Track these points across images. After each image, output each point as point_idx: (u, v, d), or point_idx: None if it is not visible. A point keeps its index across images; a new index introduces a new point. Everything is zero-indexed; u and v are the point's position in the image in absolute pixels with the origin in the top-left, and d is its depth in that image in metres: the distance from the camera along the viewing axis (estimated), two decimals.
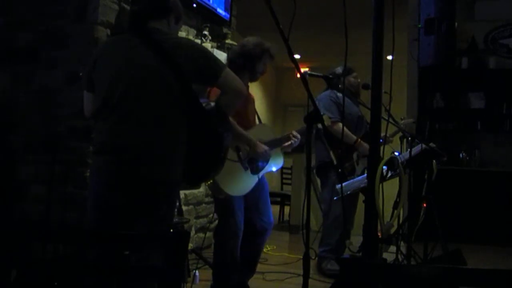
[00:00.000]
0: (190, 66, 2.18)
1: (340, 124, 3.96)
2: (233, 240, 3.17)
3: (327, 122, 3.19)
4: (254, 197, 3.28)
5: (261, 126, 3.34)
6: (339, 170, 3.90)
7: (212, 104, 2.34)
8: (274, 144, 3.28)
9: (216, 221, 3.33)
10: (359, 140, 4.00)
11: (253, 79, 3.29)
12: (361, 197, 3.57)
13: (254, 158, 3.17)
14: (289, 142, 3.28)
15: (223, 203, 3.15)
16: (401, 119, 4.31)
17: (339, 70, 4.23)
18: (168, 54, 2.17)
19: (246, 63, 3.17)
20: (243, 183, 3.15)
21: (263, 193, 3.36)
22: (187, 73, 2.18)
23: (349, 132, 3.99)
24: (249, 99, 3.28)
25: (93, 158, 2.28)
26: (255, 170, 3.19)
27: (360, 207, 3.80)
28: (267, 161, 3.23)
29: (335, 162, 3.93)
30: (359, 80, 4.25)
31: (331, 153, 3.93)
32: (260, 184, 3.30)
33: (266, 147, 3.16)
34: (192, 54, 2.21)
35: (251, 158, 3.17)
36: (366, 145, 4.00)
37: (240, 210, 3.18)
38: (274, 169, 3.38)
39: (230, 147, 2.97)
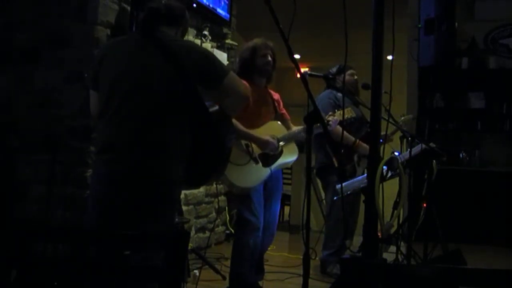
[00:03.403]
0: (194, 69, 2.19)
1: (339, 126, 3.93)
2: (253, 237, 3.20)
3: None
4: (268, 194, 3.32)
5: (272, 124, 3.38)
6: (341, 172, 3.90)
7: (217, 106, 2.35)
8: (286, 139, 3.31)
9: (217, 221, 3.35)
10: (358, 141, 3.97)
11: (263, 74, 3.36)
12: (361, 198, 3.57)
13: (264, 152, 3.21)
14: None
15: (241, 199, 3.18)
16: (401, 116, 4.29)
17: (333, 70, 4.22)
18: (173, 55, 2.17)
19: (247, 64, 3.29)
20: (253, 174, 3.18)
21: (277, 193, 3.41)
22: (191, 75, 2.19)
23: (347, 134, 3.96)
24: (262, 101, 3.32)
25: (95, 157, 2.28)
26: (266, 163, 3.21)
27: (360, 207, 3.81)
28: (276, 151, 3.25)
29: (336, 165, 3.94)
30: (355, 78, 4.22)
31: (332, 155, 3.94)
32: (275, 182, 3.35)
33: (270, 138, 3.21)
34: (196, 57, 2.22)
35: (262, 152, 3.21)
36: (365, 146, 3.99)
37: (260, 205, 3.21)
38: (289, 160, 3.40)
39: (237, 146, 3.02)
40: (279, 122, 3.42)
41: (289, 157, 3.36)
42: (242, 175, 3.12)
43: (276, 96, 3.54)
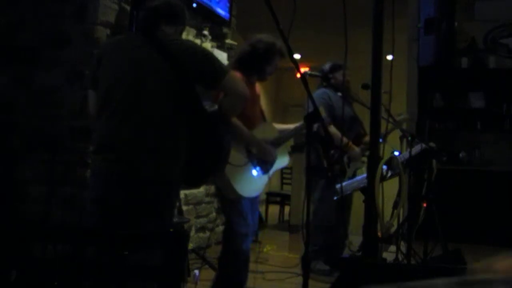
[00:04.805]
0: (193, 68, 2.19)
1: (332, 126, 3.89)
2: (244, 241, 3.14)
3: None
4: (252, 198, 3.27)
5: (265, 125, 3.31)
6: (329, 173, 3.87)
7: (216, 106, 2.35)
8: (280, 141, 3.26)
9: (217, 221, 3.32)
10: (349, 143, 3.95)
11: (261, 80, 3.25)
12: (361, 197, 3.56)
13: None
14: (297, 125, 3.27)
15: (232, 204, 3.11)
16: (399, 115, 4.27)
17: (326, 67, 4.19)
18: (172, 55, 2.17)
19: (256, 65, 3.10)
20: (256, 184, 3.12)
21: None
22: (190, 75, 2.19)
23: (339, 134, 3.85)
24: (255, 99, 3.26)
25: (93, 158, 2.28)
26: (265, 170, 3.17)
27: (360, 207, 3.80)
28: (274, 161, 3.21)
29: (325, 165, 3.92)
30: (348, 78, 4.18)
31: (322, 155, 3.92)
32: None
33: (271, 149, 3.13)
34: (196, 57, 2.21)
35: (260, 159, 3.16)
36: (356, 149, 3.99)
37: (249, 210, 3.15)
38: (281, 165, 3.37)
39: (238, 148, 2.98)
40: (271, 124, 3.35)
41: (282, 161, 3.33)
42: (246, 185, 3.04)
43: (259, 90, 3.34)
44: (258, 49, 3.08)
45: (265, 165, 3.15)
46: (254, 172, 3.10)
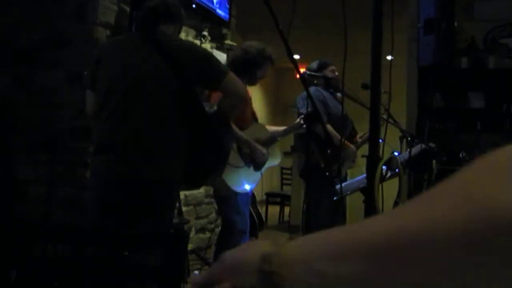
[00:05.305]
0: (193, 69, 2.19)
1: (328, 125, 3.89)
2: (242, 239, 3.16)
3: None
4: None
5: (256, 126, 3.36)
6: (327, 173, 3.87)
7: (215, 107, 2.36)
8: (271, 141, 3.31)
9: (217, 222, 3.33)
10: (345, 142, 3.94)
11: (251, 84, 3.30)
12: (361, 197, 3.55)
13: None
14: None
15: (228, 203, 3.16)
16: (360, 137, 4.22)
17: (313, 65, 4.19)
18: (171, 55, 2.18)
19: (247, 69, 3.17)
20: (248, 180, 3.18)
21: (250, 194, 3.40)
22: (189, 75, 2.19)
23: (336, 134, 3.85)
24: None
25: (93, 158, 2.29)
26: (257, 167, 3.22)
27: (360, 207, 3.80)
28: (265, 160, 3.25)
29: (322, 165, 3.92)
30: (336, 74, 4.18)
31: (319, 155, 3.92)
32: None
33: (263, 149, 3.18)
34: (196, 57, 2.22)
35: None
36: (352, 147, 3.98)
37: (246, 207, 3.20)
38: (273, 164, 3.42)
39: (232, 149, 3.01)
40: (263, 125, 3.42)
41: (274, 160, 3.37)
42: (239, 181, 3.10)
43: (250, 92, 3.47)
44: (250, 54, 3.16)
45: (256, 163, 3.21)
46: (247, 169, 3.16)
